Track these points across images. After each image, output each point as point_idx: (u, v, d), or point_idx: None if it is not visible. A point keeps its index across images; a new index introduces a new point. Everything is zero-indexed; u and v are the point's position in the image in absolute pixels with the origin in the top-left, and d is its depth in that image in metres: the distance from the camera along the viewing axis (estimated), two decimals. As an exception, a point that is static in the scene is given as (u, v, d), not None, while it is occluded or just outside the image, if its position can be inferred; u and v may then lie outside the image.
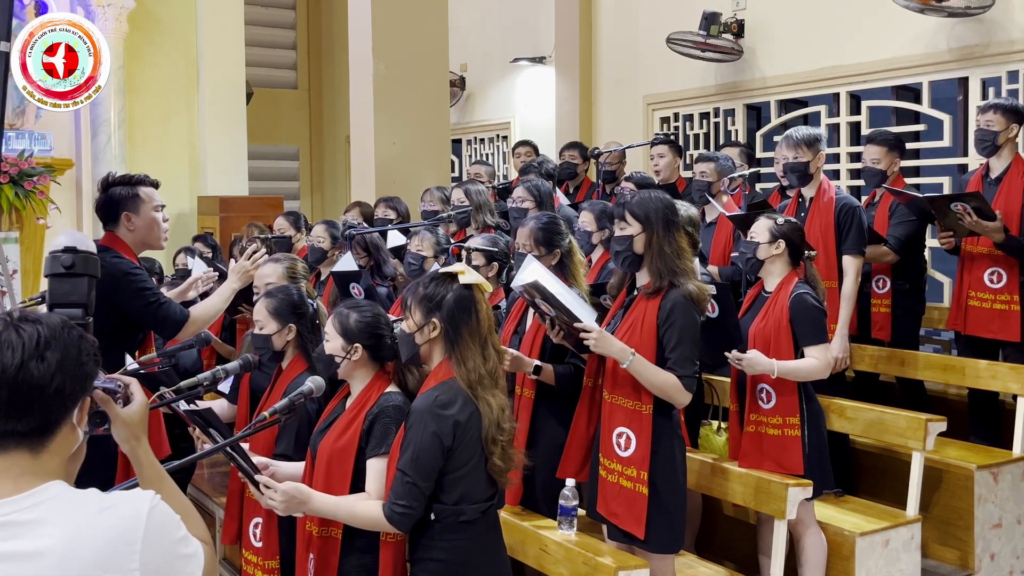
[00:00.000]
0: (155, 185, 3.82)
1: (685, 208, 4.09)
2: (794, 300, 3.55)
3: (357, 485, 2.77)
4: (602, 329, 3.15)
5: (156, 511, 1.48)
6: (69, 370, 1.48)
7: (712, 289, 3.39)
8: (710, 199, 4.86)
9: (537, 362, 3.42)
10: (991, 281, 4.44)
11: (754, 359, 3.45)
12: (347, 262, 4.68)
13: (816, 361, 3.51)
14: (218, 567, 4.31)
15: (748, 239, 3.72)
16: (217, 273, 5.00)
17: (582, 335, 3.13)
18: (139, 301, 3.61)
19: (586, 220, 4.35)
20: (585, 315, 3.19)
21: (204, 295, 4.98)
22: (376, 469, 2.72)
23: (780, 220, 3.69)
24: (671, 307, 3.10)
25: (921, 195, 4.68)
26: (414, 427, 2.49)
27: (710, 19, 7.08)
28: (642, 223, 3.16)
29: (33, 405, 1.45)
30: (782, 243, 3.63)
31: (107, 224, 3.75)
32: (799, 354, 3.56)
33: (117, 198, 3.70)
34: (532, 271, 3.20)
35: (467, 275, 2.62)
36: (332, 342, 2.87)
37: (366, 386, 2.89)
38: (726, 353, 3.48)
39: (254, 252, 4.00)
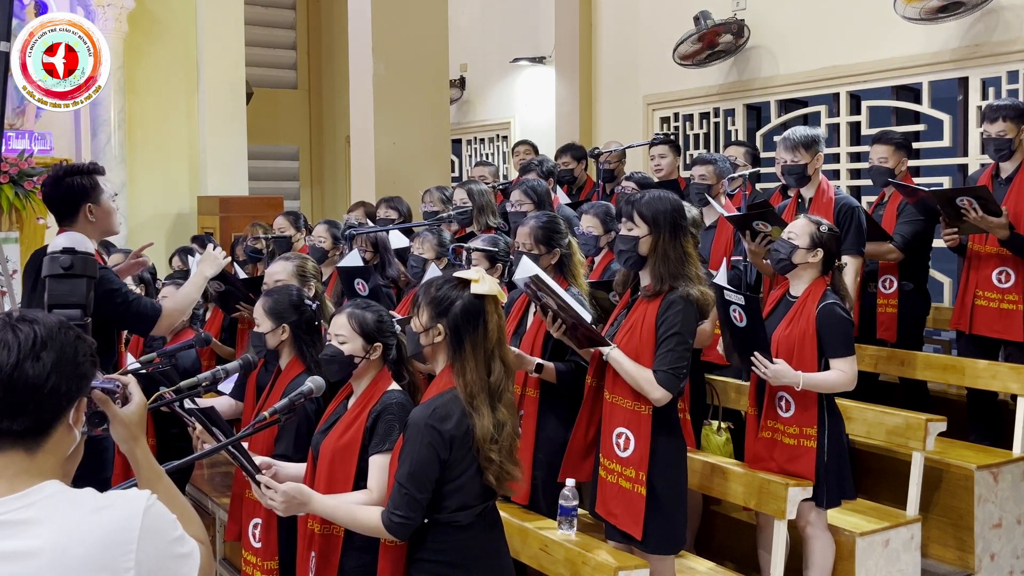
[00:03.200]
0: (103, 172, 3.62)
1: (687, 207, 4.08)
2: (823, 310, 3.44)
3: (360, 483, 2.78)
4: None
5: (152, 511, 1.48)
6: (65, 370, 1.48)
7: (740, 299, 3.36)
8: (711, 200, 4.85)
9: (539, 360, 3.42)
10: (999, 280, 4.41)
11: (780, 371, 3.36)
12: (353, 258, 4.67)
13: (842, 374, 3.42)
14: (215, 568, 4.30)
15: (785, 238, 3.58)
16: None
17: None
18: (112, 300, 3.42)
19: (592, 225, 4.32)
20: (583, 314, 3.19)
21: (221, 292, 4.98)
22: (378, 465, 2.73)
23: (824, 227, 3.54)
24: (667, 306, 3.10)
25: (927, 189, 4.64)
26: (411, 440, 2.47)
27: (703, 17, 7.09)
28: (650, 226, 3.15)
29: (28, 405, 1.45)
30: (820, 252, 3.51)
31: (64, 219, 3.50)
32: (823, 363, 3.46)
33: (79, 189, 3.46)
34: (528, 268, 3.20)
35: (480, 284, 2.53)
36: (351, 343, 2.87)
37: (369, 384, 2.90)
38: (752, 358, 3.40)
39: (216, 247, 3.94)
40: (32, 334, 1.46)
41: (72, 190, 3.46)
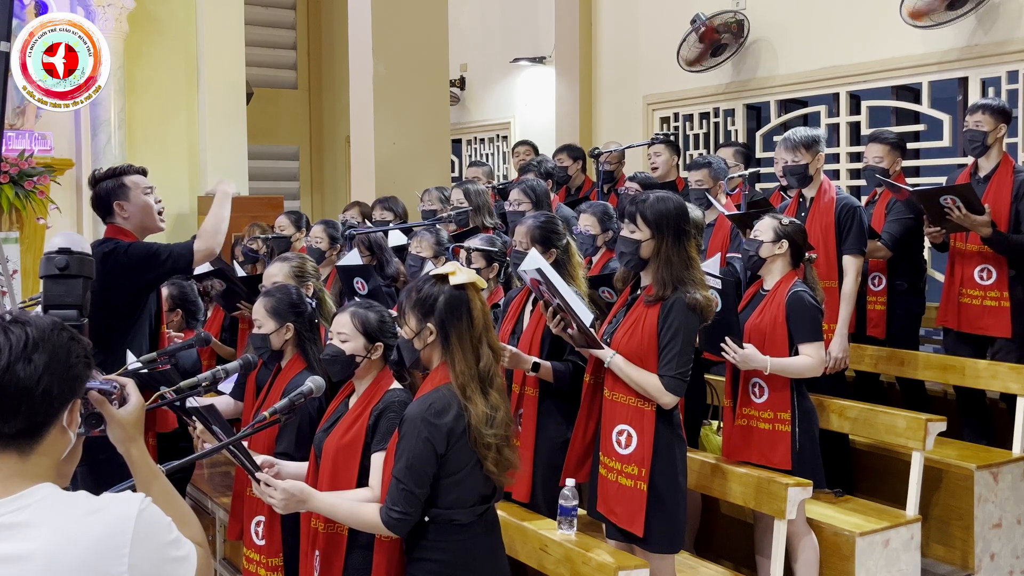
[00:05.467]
0: (142, 172, 3.89)
1: (691, 209, 4.08)
2: (791, 297, 3.59)
3: (363, 481, 2.78)
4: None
5: (146, 513, 1.47)
6: (57, 372, 1.47)
7: (717, 284, 3.39)
8: (712, 201, 4.85)
9: (536, 359, 3.41)
10: (981, 278, 4.47)
11: (749, 355, 3.49)
12: (353, 256, 4.67)
13: (809, 359, 3.55)
14: (215, 568, 4.30)
15: (752, 237, 3.74)
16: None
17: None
18: (153, 260, 3.69)
19: (589, 223, 4.32)
20: (583, 314, 3.18)
21: (213, 293, 4.99)
22: (380, 463, 2.73)
23: (785, 220, 3.72)
24: (669, 310, 3.09)
25: (912, 188, 4.67)
26: (408, 434, 2.48)
27: (699, 19, 7.08)
28: (652, 229, 3.13)
29: (20, 407, 1.44)
30: (785, 243, 3.67)
31: (105, 218, 3.85)
32: (793, 351, 3.58)
33: (105, 191, 3.79)
34: (535, 259, 3.21)
35: (458, 275, 2.58)
36: (352, 342, 2.88)
37: (372, 383, 2.90)
38: (722, 344, 3.49)
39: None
40: (24, 336, 1.45)
41: (99, 195, 3.80)
